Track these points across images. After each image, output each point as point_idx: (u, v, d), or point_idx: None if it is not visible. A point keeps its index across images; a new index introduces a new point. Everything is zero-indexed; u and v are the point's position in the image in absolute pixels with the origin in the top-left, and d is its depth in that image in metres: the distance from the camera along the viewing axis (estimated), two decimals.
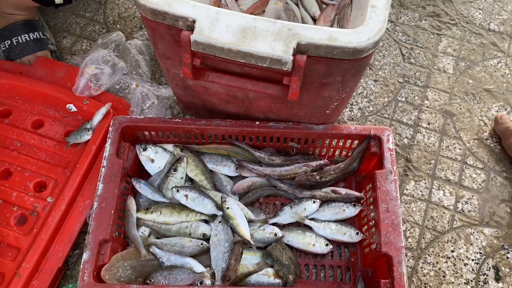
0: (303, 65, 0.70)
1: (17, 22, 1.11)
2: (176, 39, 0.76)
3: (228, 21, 0.71)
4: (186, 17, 0.71)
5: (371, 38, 0.70)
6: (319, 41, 0.69)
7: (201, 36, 0.70)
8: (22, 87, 1.05)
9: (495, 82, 1.16)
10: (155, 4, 0.72)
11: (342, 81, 0.79)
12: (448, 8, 1.28)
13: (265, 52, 0.69)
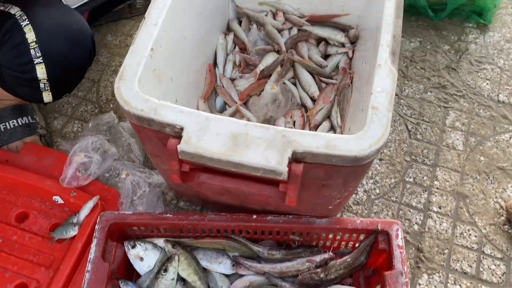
0: (299, 175, 0.65)
1: (6, 108, 1.08)
2: (163, 142, 0.71)
3: (218, 128, 0.66)
4: (173, 125, 0.67)
5: (373, 145, 0.64)
6: (317, 149, 0.64)
7: (189, 146, 0.65)
8: (7, 177, 1.00)
9: (508, 159, 1.10)
10: (141, 110, 0.68)
11: (344, 182, 0.74)
12: (454, 79, 1.24)
13: (258, 163, 0.64)
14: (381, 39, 0.75)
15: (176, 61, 0.88)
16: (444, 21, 1.35)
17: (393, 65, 0.72)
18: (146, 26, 0.77)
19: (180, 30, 0.88)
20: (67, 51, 0.83)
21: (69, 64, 0.85)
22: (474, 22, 1.35)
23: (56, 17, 0.83)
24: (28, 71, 0.81)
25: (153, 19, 0.77)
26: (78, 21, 0.85)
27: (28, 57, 0.80)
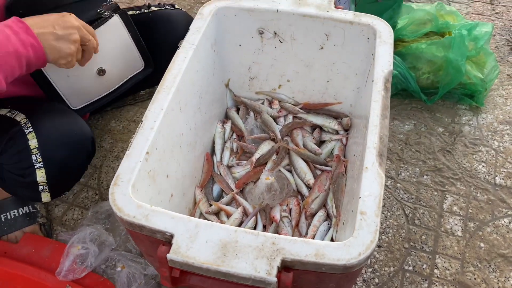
0: (289, 285, 0.64)
1: (8, 198, 1.10)
2: (155, 245, 0.72)
3: (207, 235, 0.67)
4: (164, 232, 0.67)
5: (362, 253, 0.64)
6: (305, 258, 0.64)
7: (178, 255, 0.65)
8: (4, 270, 1.00)
9: (509, 245, 1.08)
10: (132, 217, 0.69)
11: (337, 286, 0.73)
12: (449, 161, 1.25)
13: (247, 273, 0.63)
14: (367, 141, 0.77)
15: (172, 159, 0.90)
16: (437, 103, 1.39)
17: (381, 168, 0.74)
18: (143, 130, 0.80)
19: (177, 129, 0.91)
20: (67, 156, 0.87)
21: (68, 168, 0.88)
22: (466, 104, 1.38)
23: (58, 125, 0.87)
24: (28, 175, 0.84)
25: (149, 123, 0.81)
26: (80, 127, 0.90)
27: (29, 162, 0.83)
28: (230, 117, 1.21)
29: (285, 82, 1.18)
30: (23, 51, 0.76)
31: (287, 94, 1.20)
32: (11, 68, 0.76)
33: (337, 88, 1.15)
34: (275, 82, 1.19)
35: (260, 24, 1.06)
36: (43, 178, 0.84)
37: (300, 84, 1.18)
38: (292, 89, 1.20)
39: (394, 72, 1.33)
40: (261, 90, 1.21)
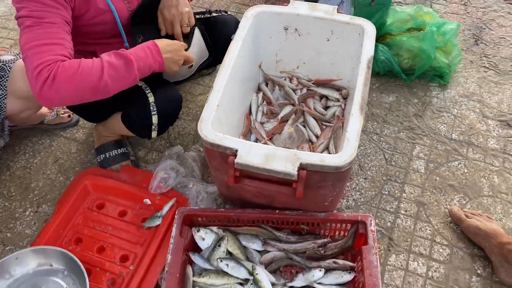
0: (304, 177, 1.11)
1: (109, 142, 1.59)
2: (224, 159, 1.19)
3: (257, 150, 1.14)
4: (232, 148, 1.15)
5: (347, 160, 1.11)
6: (314, 162, 1.11)
7: (241, 160, 1.12)
8: (112, 186, 1.49)
9: (456, 179, 1.54)
10: (212, 140, 1.16)
11: (332, 185, 1.19)
12: (420, 123, 1.70)
13: (280, 169, 1.11)
14: (354, 99, 1.23)
15: (229, 112, 1.37)
16: (414, 82, 1.84)
17: (361, 115, 1.20)
18: (214, 91, 1.27)
19: (231, 93, 1.38)
20: (169, 109, 1.35)
21: (169, 116, 1.36)
22: (436, 82, 1.83)
23: (165, 90, 1.35)
24: (147, 119, 1.32)
25: (218, 87, 1.28)
26: (175, 91, 1.38)
27: (148, 111, 1.31)
28: (261, 89, 1.68)
29: (301, 64, 1.65)
30: (154, 65, 1.24)
31: (303, 73, 1.67)
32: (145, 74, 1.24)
33: (338, 69, 1.61)
34: (294, 64, 1.65)
35: (285, 23, 1.52)
36: (155, 121, 1.32)
37: (312, 65, 1.64)
38: (306, 69, 1.66)
39: (382, 57, 1.78)
40: (284, 70, 1.68)
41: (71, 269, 1.31)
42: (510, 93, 1.79)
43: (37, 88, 1.11)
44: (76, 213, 1.46)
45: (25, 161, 1.66)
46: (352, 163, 1.13)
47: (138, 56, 1.20)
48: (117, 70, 1.16)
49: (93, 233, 1.42)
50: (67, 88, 1.12)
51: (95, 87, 1.15)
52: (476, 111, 1.73)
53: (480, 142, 1.63)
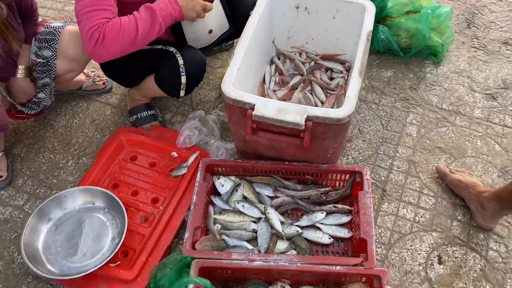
0: (310, 127, 1.32)
1: (141, 104, 1.81)
2: (243, 114, 1.40)
3: (272, 105, 1.35)
4: (250, 103, 1.36)
5: (346, 113, 1.31)
6: (319, 115, 1.31)
7: (258, 112, 1.34)
8: (144, 141, 1.71)
9: (444, 142, 1.74)
10: (234, 96, 1.37)
11: (334, 136, 1.40)
12: (414, 94, 1.90)
13: (291, 120, 1.32)
14: (354, 65, 1.44)
15: (246, 77, 1.58)
16: (411, 59, 2.04)
17: (360, 78, 1.40)
18: (235, 57, 1.48)
19: (249, 61, 1.58)
20: (196, 70, 1.56)
21: (195, 76, 1.57)
22: (430, 60, 2.03)
23: (192, 54, 1.56)
24: (177, 79, 1.53)
25: (238, 54, 1.49)
26: (200, 55, 1.59)
27: (178, 72, 1.52)
28: (274, 62, 1.88)
29: (310, 40, 1.85)
30: (174, 13, 1.45)
31: (311, 48, 1.87)
32: (168, 22, 1.45)
33: (343, 44, 1.81)
34: (304, 40, 1.86)
35: (297, 2, 1.73)
36: (184, 81, 1.53)
37: (319, 41, 1.84)
38: (314, 45, 1.86)
39: (382, 37, 1.98)
40: (295, 45, 1.88)
41: (111, 207, 1.53)
42: (496, 71, 1.98)
43: (90, 47, 1.33)
44: (112, 164, 1.68)
45: (65, 121, 1.89)
46: (351, 116, 1.34)
47: (160, 7, 1.41)
48: (147, 22, 1.38)
49: (127, 180, 1.64)
50: (114, 45, 1.35)
51: (134, 40, 1.38)
52: (465, 85, 1.93)
53: (466, 111, 1.83)
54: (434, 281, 1.40)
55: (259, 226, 1.48)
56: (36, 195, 1.65)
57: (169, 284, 1.32)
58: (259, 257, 1.36)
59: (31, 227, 1.43)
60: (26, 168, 1.74)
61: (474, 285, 1.39)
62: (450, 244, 1.47)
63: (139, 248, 1.46)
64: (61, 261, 1.42)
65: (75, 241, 1.46)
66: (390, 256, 1.46)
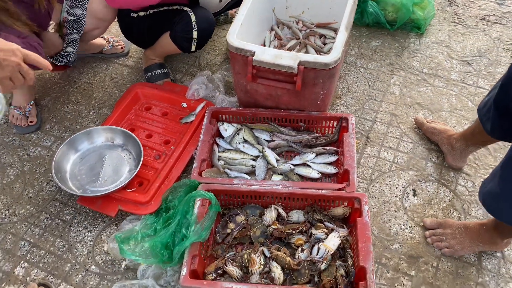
0: (302, 70, 1.52)
1: (155, 63, 2.02)
2: (244, 62, 1.60)
3: (269, 52, 1.55)
4: (251, 50, 1.56)
5: (333, 59, 1.51)
6: (310, 60, 1.51)
7: (257, 57, 1.54)
8: (157, 94, 1.92)
9: (423, 99, 1.93)
10: (237, 45, 1.58)
11: (323, 82, 1.60)
12: (398, 60, 2.11)
13: (285, 64, 1.52)
14: (342, 21, 1.64)
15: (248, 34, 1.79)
16: (396, 31, 2.24)
17: (346, 32, 1.61)
18: (239, 15, 1.68)
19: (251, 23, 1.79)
20: (206, 27, 1.76)
21: (206, 33, 1.78)
22: (414, 32, 2.23)
23: (203, 12, 1.77)
24: (189, 33, 1.74)
25: (242, 12, 1.69)
26: (210, 14, 1.79)
27: (190, 27, 1.73)
28: (274, 29, 2.09)
29: (306, 10, 2.06)
30: None
31: (307, 17, 2.08)
32: None
33: (335, 13, 2.01)
34: (300, 10, 2.07)
35: None
36: (195, 36, 1.74)
37: (314, 11, 2.05)
38: (310, 14, 2.07)
39: (371, 10, 2.19)
40: (292, 15, 2.09)
41: (128, 145, 1.74)
42: (473, 42, 2.18)
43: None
44: (129, 112, 1.89)
45: (87, 79, 2.10)
46: (337, 62, 1.54)
47: None
48: None
49: (142, 125, 1.85)
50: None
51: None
52: (444, 53, 2.13)
53: (444, 75, 2.03)
54: (408, 209, 1.59)
55: (257, 161, 1.68)
56: (62, 137, 1.86)
57: (178, 202, 1.53)
58: (256, 183, 1.56)
59: (61, 153, 1.64)
60: (52, 117, 1.95)
61: (443, 213, 1.58)
62: (424, 181, 1.67)
63: (153, 178, 1.66)
64: (84, 186, 1.62)
65: (97, 171, 1.67)
66: (371, 189, 1.65)
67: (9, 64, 0.95)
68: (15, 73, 0.98)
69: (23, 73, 1.00)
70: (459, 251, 1.47)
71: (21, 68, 0.99)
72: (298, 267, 1.39)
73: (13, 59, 0.96)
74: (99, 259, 1.51)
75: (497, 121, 1.29)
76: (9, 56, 0.95)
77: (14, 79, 0.99)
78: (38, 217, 1.62)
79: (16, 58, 0.97)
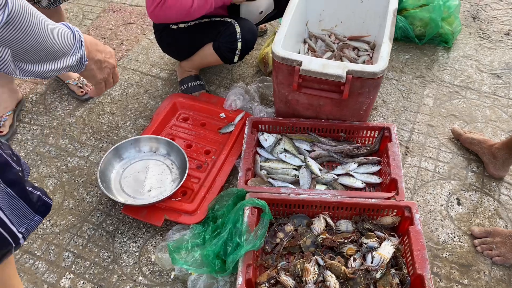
0: (350, 79, 1.53)
1: (191, 75, 2.02)
2: (290, 72, 1.61)
3: (316, 61, 1.56)
4: (298, 60, 1.57)
5: (381, 68, 1.52)
6: (357, 69, 1.52)
7: (305, 67, 1.55)
8: (195, 105, 1.92)
9: (457, 110, 1.95)
10: (283, 55, 1.58)
11: (368, 91, 1.61)
12: (429, 73, 2.13)
13: (334, 73, 1.53)
14: (385, 32, 1.66)
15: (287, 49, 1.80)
16: (425, 45, 2.27)
17: (389, 42, 1.62)
18: (282, 26, 1.69)
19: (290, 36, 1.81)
20: (250, 38, 1.77)
21: (250, 44, 1.78)
22: (442, 46, 2.27)
23: (247, 24, 1.78)
24: (234, 44, 1.74)
25: (284, 24, 1.71)
26: (253, 25, 1.81)
27: (235, 38, 1.73)
28: (307, 42, 2.11)
29: (339, 23, 2.09)
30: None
31: (340, 30, 2.10)
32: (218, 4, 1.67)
33: (368, 26, 2.04)
34: (333, 23, 2.09)
35: None
36: (240, 46, 1.74)
37: (347, 24, 2.07)
38: (343, 28, 2.10)
39: (400, 25, 2.22)
40: (325, 28, 2.12)
41: (172, 154, 1.72)
42: (500, 55, 2.22)
43: (152, 8, 1.57)
44: (168, 123, 1.88)
45: (121, 90, 2.09)
46: (384, 72, 1.55)
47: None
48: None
49: (181, 135, 1.83)
50: (171, 11, 1.60)
51: (188, 11, 1.61)
52: (473, 66, 2.16)
53: (476, 87, 2.05)
54: (454, 218, 1.58)
55: (301, 171, 1.67)
56: (100, 148, 1.84)
57: (227, 212, 1.50)
58: (304, 192, 1.54)
59: (106, 161, 1.62)
60: (88, 127, 1.93)
61: (489, 221, 1.57)
62: (466, 190, 1.66)
63: (197, 188, 1.63)
64: (129, 196, 1.59)
65: (141, 180, 1.64)
66: (415, 199, 1.64)
67: (108, 66, 0.93)
68: (110, 76, 0.96)
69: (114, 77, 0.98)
70: (510, 259, 1.45)
71: (115, 71, 0.97)
72: (354, 276, 1.36)
73: (111, 61, 0.94)
74: (146, 270, 1.47)
75: None
76: (108, 58, 0.93)
77: (107, 82, 0.96)
78: (81, 228, 1.58)
79: (113, 61, 0.95)
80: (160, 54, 2.27)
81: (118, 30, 2.47)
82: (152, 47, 2.33)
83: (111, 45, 2.36)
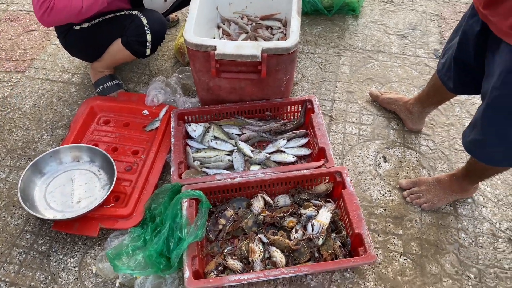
0: (265, 58, 1.55)
1: (105, 75, 1.93)
2: (206, 58, 1.60)
3: (230, 44, 1.57)
4: (211, 45, 1.56)
5: (293, 43, 1.56)
6: (271, 46, 1.55)
7: (220, 51, 1.55)
8: (115, 106, 1.85)
9: (372, 74, 2.06)
10: (196, 41, 1.57)
11: (285, 67, 1.64)
12: (342, 42, 2.22)
13: (249, 53, 1.54)
14: (292, 7, 1.70)
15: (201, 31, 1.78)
16: (334, 16, 2.36)
17: (298, 16, 1.66)
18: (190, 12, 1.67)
19: (200, 23, 1.79)
20: (159, 28, 1.72)
21: (159, 34, 1.74)
22: (350, 15, 2.37)
23: (153, 14, 1.72)
24: (143, 37, 1.69)
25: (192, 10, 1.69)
26: (161, 15, 1.76)
27: (143, 30, 1.68)
28: (220, 27, 2.11)
29: (249, 4, 2.10)
30: None
31: (251, 11, 2.12)
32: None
33: (277, 4, 2.07)
34: (243, 5, 2.10)
35: None
36: (149, 38, 1.69)
37: (257, 4, 2.09)
38: (253, 8, 2.11)
39: None
40: (236, 10, 2.12)
41: (96, 160, 1.65)
42: (403, 17, 2.36)
43: (39, 14, 1.49)
44: (88, 129, 1.79)
45: (32, 102, 1.96)
46: (297, 46, 1.59)
47: None
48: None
49: (105, 139, 1.76)
50: (60, 15, 1.52)
51: (79, 12, 1.54)
52: (381, 30, 2.28)
53: (386, 49, 2.18)
54: (383, 175, 1.68)
55: (233, 155, 1.68)
56: (18, 166, 1.72)
57: (164, 209, 1.48)
58: (239, 175, 1.56)
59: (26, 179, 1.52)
60: (1, 146, 1.79)
61: (414, 173, 1.69)
62: (390, 147, 1.77)
63: (130, 190, 1.59)
64: (57, 211, 1.51)
65: (68, 192, 1.56)
66: (345, 163, 1.72)
67: None
68: None
69: None
70: (436, 203, 1.58)
71: None
72: (298, 247, 1.41)
73: None
74: (89, 283, 1.42)
75: (458, 77, 1.41)
76: None
77: None
78: (10, 254, 1.48)
79: None
80: (69, 58, 2.16)
81: (19, 39, 2.30)
82: (59, 52, 2.20)
83: (13, 56, 2.20)
